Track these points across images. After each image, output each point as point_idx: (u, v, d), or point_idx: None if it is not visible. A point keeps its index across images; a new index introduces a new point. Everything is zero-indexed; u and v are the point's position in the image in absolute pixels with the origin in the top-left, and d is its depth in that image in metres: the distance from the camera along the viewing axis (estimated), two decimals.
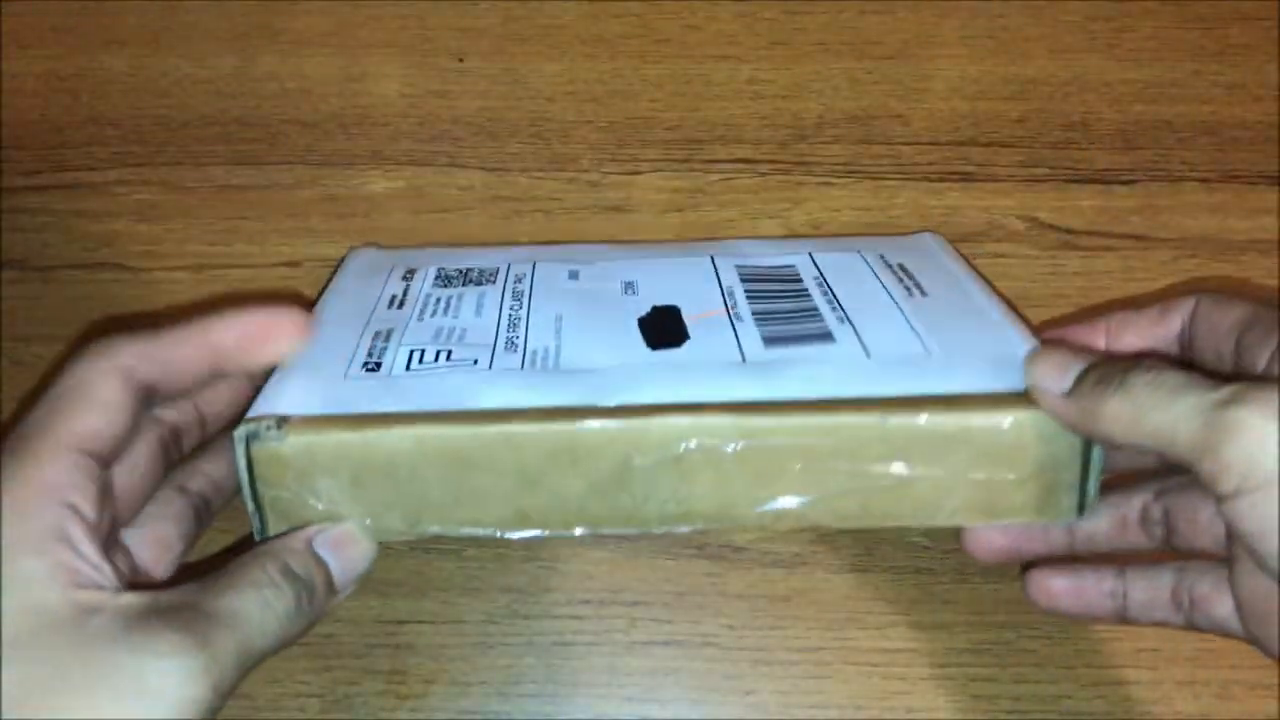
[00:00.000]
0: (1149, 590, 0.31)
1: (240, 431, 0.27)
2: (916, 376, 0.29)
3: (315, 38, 0.43)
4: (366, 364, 0.30)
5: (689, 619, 0.36)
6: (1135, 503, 0.32)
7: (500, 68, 0.43)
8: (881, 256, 0.36)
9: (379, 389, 0.29)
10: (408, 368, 0.30)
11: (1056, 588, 0.32)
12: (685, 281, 0.35)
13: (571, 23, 0.44)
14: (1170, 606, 0.31)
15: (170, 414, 0.30)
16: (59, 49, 0.43)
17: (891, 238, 0.39)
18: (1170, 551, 0.31)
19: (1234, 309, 0.29)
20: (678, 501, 0.29)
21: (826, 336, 0.31)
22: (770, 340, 0.31)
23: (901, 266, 0.36)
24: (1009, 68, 0.43)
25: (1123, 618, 0.32)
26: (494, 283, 0.35)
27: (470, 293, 0.34)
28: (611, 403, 0.28)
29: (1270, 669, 0.35)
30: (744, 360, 0.30)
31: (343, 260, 0.38)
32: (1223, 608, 0.30)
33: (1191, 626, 0.31)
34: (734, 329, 0.32)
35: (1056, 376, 0.29)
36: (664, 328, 0.32)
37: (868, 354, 0.30)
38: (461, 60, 0.43)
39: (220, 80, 0.43)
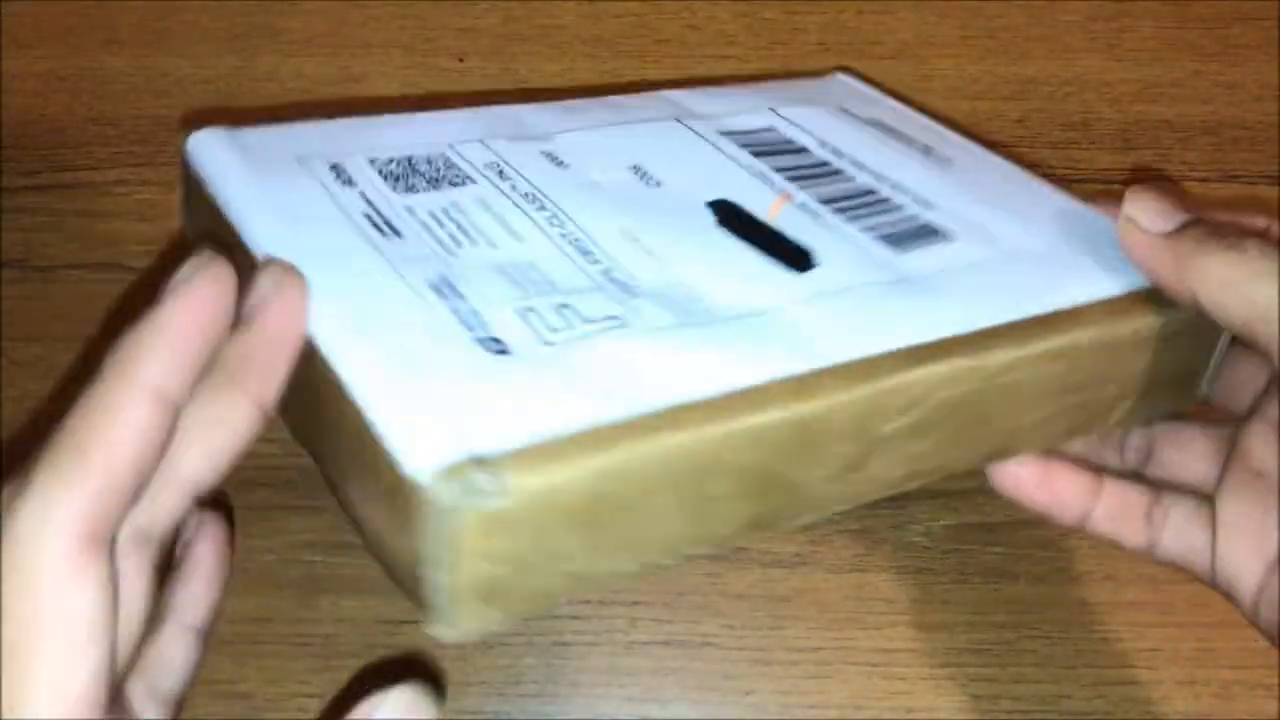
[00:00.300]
0: (1122, 499, 0.30)
1: (448, 497, 0.18)
2: (1068, 274, 0.27)
3: (315, 38, 0.43)
4: (483, 343, 0.22)
5: (689, 619, 0.36)
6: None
7: (500, 68, 0.43)
8: (844, 110, 0.35)
9: (545, 380, 0.21)
10: (544, 341, 0.22)
11: (1023, 474, 0.29)
12: (693, 160, 0.30)
13: (571, 23, 0.44)
14: (1140, 521, 0.29)
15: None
16: (59, 49, 0.43)
17: (804, 83, 0.38)
18: (1139, 478, 0.31)
19: None
20: (910, 460, 0.25)
21: (938, 233, 0.29)
22: (894, 244, 0.28)
23: (878, 123, 0.34)
24: (1009, 68, 0.43)
25: (1084, 522, 0.30)
26: (473, 180, 0.28)
27: (463, 200, 0.27)
28: (833, 360, 0.23)
29: (1271, 669, 0.35)
30: (900, 277, 0.26)
31: (187, 167, 0.27)
32: (1196, 538, 0.29)
33: (1150, 547, 0.29)
34: (832, 231, 0.28)
35: (1160, 215, 0.27)
36: (771, 238, 0.27)
37: (1003, 252, 0.28)
38: (461, 60, 0.43)
39: (220, 80, 0.43)
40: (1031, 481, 0.29)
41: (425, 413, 0.20)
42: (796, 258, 0.27)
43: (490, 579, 0.20)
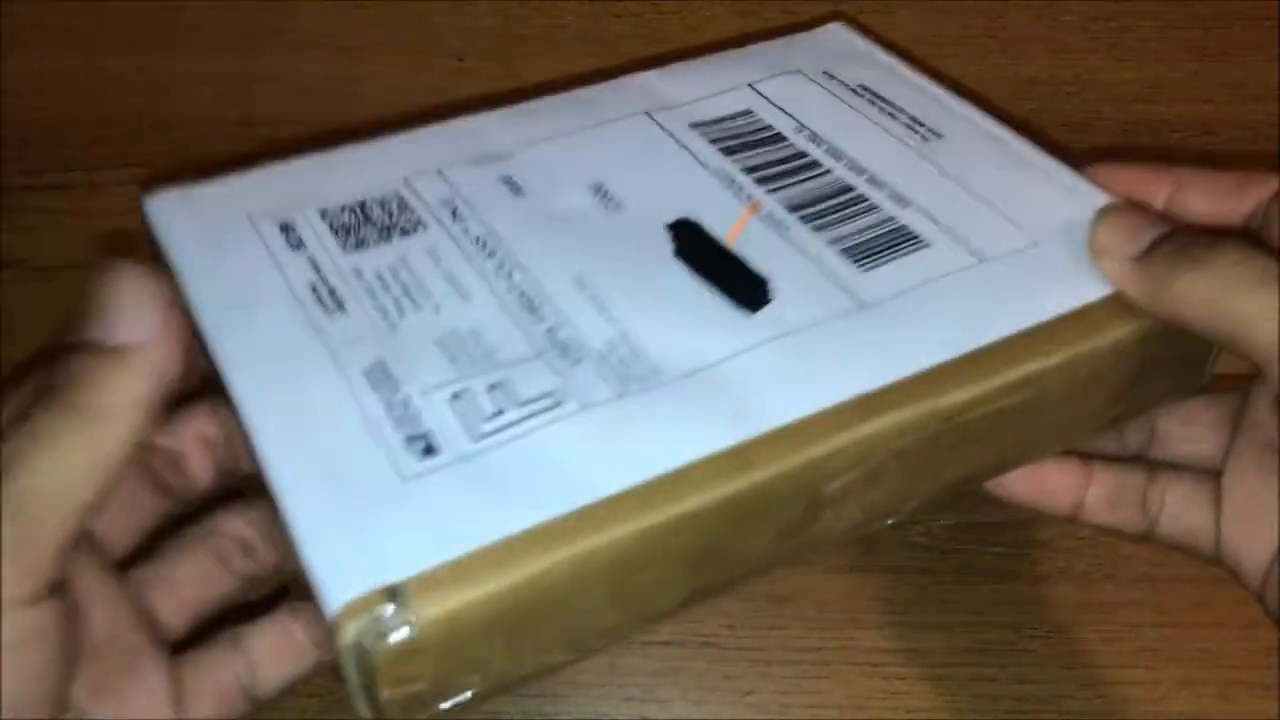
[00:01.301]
0: (1116, 486, 0.29)
1: (351, 635, 0.19)
2: (1047, 279, 0.26)
3: (315, 38, 0.43)
4: (411, 441, 0.22)
5: (689, 619, 0.36)
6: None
7: (500, 68, 0.43)
8: (829, 75, 0.33)
9: (466, 487, 0.21)
10: (472, 436, 0.22)
11: (1012, 474, 0.28)
12: (659, 167, 0.29)
13: (571, 23, 0.44)
14: (1136, 506, 0.29)
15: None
16: (59, 49, 0.43)
17: (794, 40, 0.35)
18: (1138, 459, 0.30)
19: None
20: (864, 509, 0.24)
21: (914, 239, 0.27)
22: (860, 259, 0.27)
23: (866, 89, 0.32)
24: (1009, 68, 0.43)
25: (1077, 513, 0.29)
26: (425, 226, 0.27)
27: (412, 252, 0.26)
28: (774, 423, 0.22)
29: (1271, 669, 0.35)
30: (860, 305, 0.25)
31: (148, 226, 0.27)
32: (1196, 517, 0.28)
33: (1149, 532, 0.29)
34: (796, 248, 0.27)
35: (1128, 239, 0.26)
36: (728, 272, 0.26)
37: (980, 258, 0.27)
38: (461, 60, 0.43)
39: (220, 80, 0.43)
40: (1017, 477, 0.29)
41: (345, 537, 0.20)
42: (749, 295, 0.25)
43: (411, 695, 0.20)
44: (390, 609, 0.19)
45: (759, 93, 0.32)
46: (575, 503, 0.21)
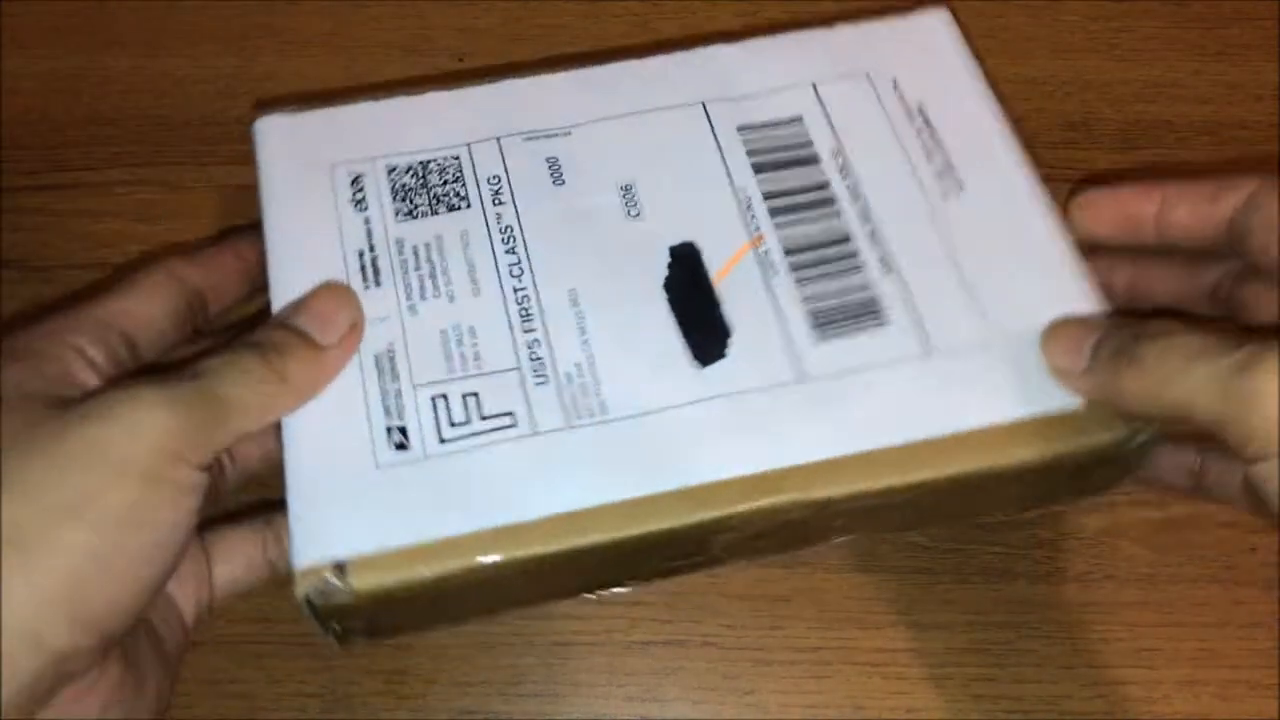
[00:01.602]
0: (1223, 472, 0.30)
1: (301, 591, 0.25)
2: (984, 394, 0.27)
3: (315, 38, 0.43)
4: (390, 433, 0.27)
5: (689, 619, 0.36)
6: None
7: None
8: (895, 85, 0.33)
9: (420, 485, 0.26)
10: (440, 438, 0.27)
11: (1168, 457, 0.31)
12: (688, 171, 0.31)
13: (571, 23, 0.44)
14: (1243, 489, 0.29)
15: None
16: (59, 49, 0.43)
17: (895, 24, 0.35)
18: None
19: None
20: (752, 551, 0.29)
21: (876, 314, 0.29)
22: (820, 325, 0.29)
23: (922, 112, 0.32)
24: (1009, 68, 0.43)
25: (1201, 492, 0.31)
26: (469, 204, 0.31)
27: (448, 232, 0.30)
28: (680, 483, 0.26)
29: (1271, 669, 0.35)
30: (799, 378, 0.28)
31: (253, 143, 0.32)
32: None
33: (1258, 513, 0.29)
34: (772, 298, 0.29)
35: (1072, 355, 0.28)
36: (698, 319, 0.29)
37: (926, 350, 0.28)
38: (461, 60, 0.43)
39: (220, 80, 0.43)
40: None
41: (319, 510, 0.26)
42: (705, 350, 0.28)
43: (348, 631, 0.27)
44: (334, 579, 0.25)
45: (818, 97, 0.33)
46: (500, 521, 0.26)
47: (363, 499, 0.26)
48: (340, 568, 0.25)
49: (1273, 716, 0.35)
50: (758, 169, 0.32)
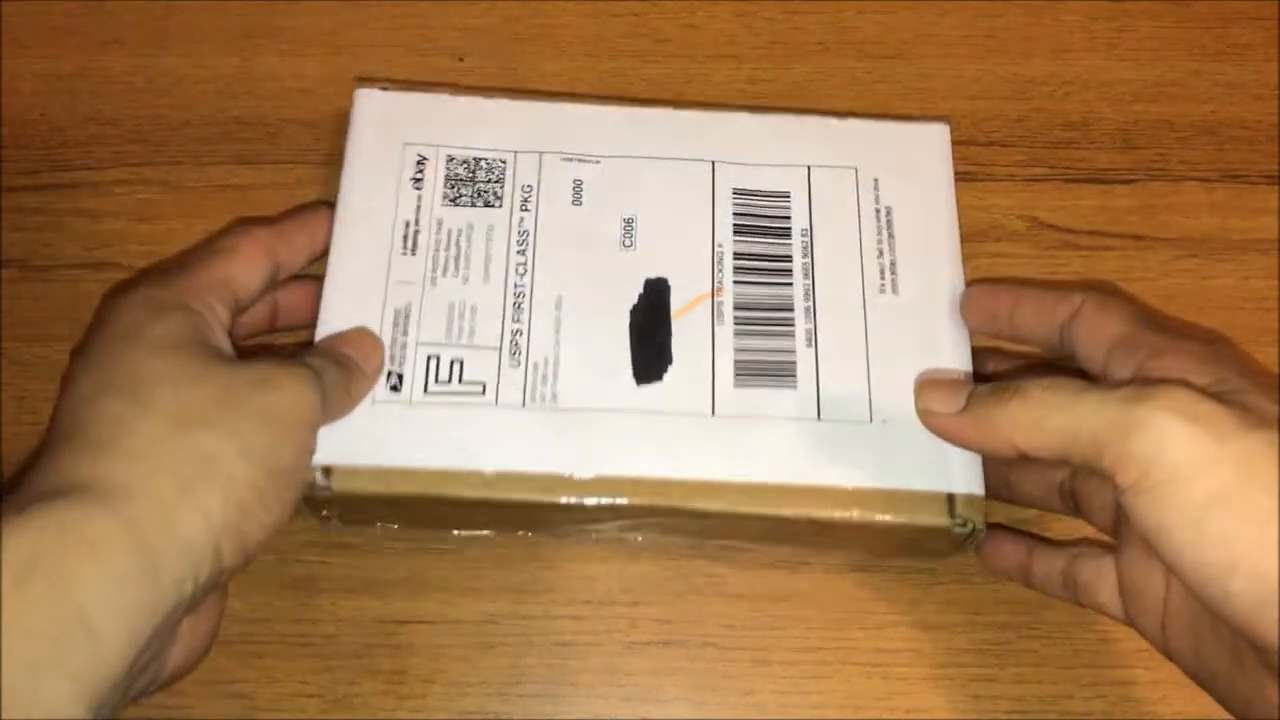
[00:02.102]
0: (1046, 568, 0.33)
1: (306, 478, 0.32)
2: (854, 460, 0.32)
3: (315, 38, 0.43)
4: (389, 376, 0.33)
5: (689, 619, 0.36)
6: (1055, 475, 0.34)
7: (500, 68, 0.43)
8: (875, 185, 0.37)
9: (402, 423, 0.33)
10: (425, 389, 0.33)
11: (999, 548, 0.35)
12: (682, 218, 0.36)
13: (572, 22, 0.44)
14: (1061, 585, 0.33)
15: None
16: (59, 49, 0.43)
17: (898, 127, 0.38)
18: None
19: (1113, 321, 0.30)
20: (638, 528, 0.35)
21: (790, 377, 0.34)
22: (741, 374, 0.34)
23: (889, 214, 0.36)
24: (1009, 68, 0.43)
25: (1030, 584, 0.34)
26: (500, 204, 0.36)
27: (479, 224, 0.36)
28: (590, 473, 0.32)
29: (1270, 669, 0.35)
30: (713, 412, 0.33)
31: (352, 107, 0.37)
32: (1103, 593, 0.32)
33: (1078, 604, 0.33)
34: (712, 342, 0.34)
35: (948, 399, 0.31)
36: (650, 345, 0.34)
37: (819, 415, 0.33)
38: (461, 60, 0.43)
39: (220, 80, 0.43)
40: (992, 556, 0.35)
41: (333, 427, 0.32)
42: (645, 372, 0.34)
43: (329, 517, 0.34)
44: (321, 479, 0.32)
45: (809, 179, 0.37)
46: (454, 465, 0.32)
47: (356, 422, 0.32)
48: (327, 471, 0.32)
49: (1273, 716, 0.35)
50: (737, 230, 0.36)
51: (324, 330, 0.34)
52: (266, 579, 0.36)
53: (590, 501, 0.32)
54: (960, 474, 0.32)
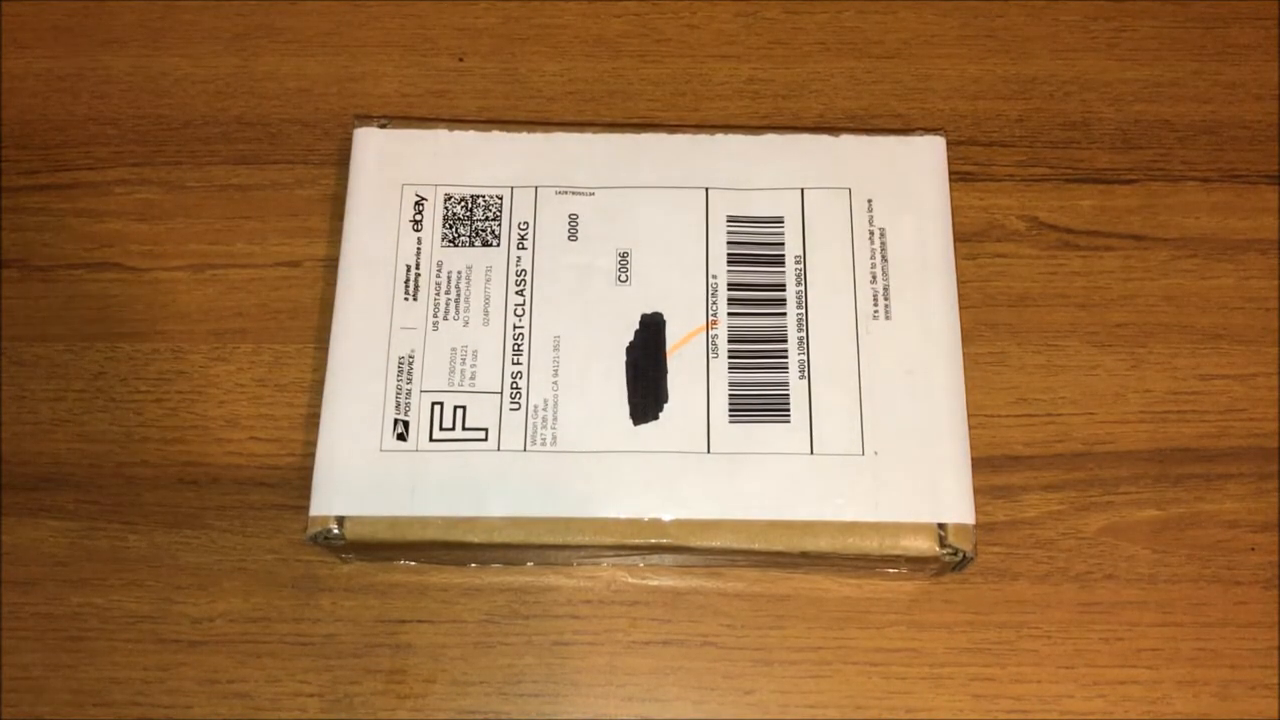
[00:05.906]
0: None
1: (311, 532, 0.33)
2: (846, 492, 0.33)
3: (315, 38, 0.43)
4: (396, 424, 0.34)
5: (689, 619, 0.36)
6: None
7: (500, 68, 0.43)
8: (870, 205, 0.36)
9: (409, 471, 0.33)
10: (430, 436, 0.34)
11: None
12: (676, 249, 0.36)
13: (572, 22, 0.44)
14: None
15: None
16: (59, 49, 0.43)
17: (893, 143, 0.38)
18: None
19: None
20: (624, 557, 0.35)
21: (784, 411, 0.34)
22: (735, 409, 0.34)
23: (882, 236, 0.36)
24: (1009, 68, 0.43)
25: None
26: (499, 243, 0.36)
27: (478, 265, 0.36)
28: (592, 513, 0.33)
29: (1271, 669, 0.35)
30: (708, 449, 0.34)
31: (351, 148, 0.38)
32: None
33: None
34: (707, 376, 0.34)
35: None
36: (646, 384, 0.34)
37: (811, 449, 0.34)
38: (461, 60, 0.43)
39: (220, 80, 0.43)
40: None
41: (335, 474, 0.33)
42: (642, 412, 0.34)
43: (347, 559, 0.36)
44: (334, 529, 0.33)
45: (803, 202, 0.37)
46: (458, 512, 0.33)
47: (366, 472, 0.33)
48: (340, 520, 0.33)
49: (1272, 716, 0.35)
50: (731, 260, 0.36)
51: (332, 381, 0.34)
52: (266, 579, 0.36)
53: (593, 542, 0.33)
54: (951, 503, 0.33)
